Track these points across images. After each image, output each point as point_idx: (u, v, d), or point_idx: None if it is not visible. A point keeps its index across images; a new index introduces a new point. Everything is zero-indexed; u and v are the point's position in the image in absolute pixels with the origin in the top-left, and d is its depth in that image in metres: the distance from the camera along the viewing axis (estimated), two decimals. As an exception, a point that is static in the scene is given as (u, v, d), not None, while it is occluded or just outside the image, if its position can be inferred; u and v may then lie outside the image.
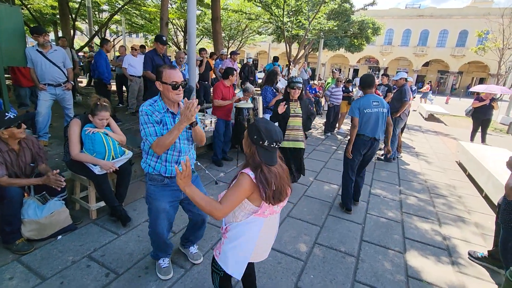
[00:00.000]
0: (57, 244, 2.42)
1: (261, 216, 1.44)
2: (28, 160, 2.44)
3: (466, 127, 10.85)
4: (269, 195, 1.34)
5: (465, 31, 30.99)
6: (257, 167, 1.36)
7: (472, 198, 4.23)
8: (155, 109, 1.85)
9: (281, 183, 1.39)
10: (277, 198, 1.38)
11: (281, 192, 1.39)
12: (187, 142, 1.98)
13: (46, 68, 3.72)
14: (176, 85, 1.80)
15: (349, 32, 16.09)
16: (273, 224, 1.57)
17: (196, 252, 2.38)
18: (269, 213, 1.46)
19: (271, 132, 1.35)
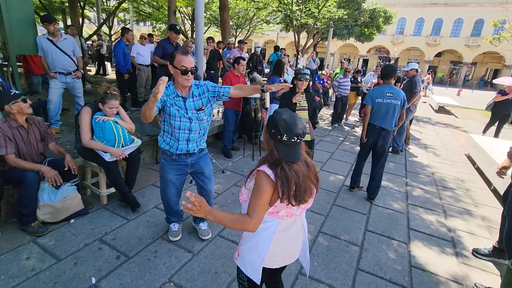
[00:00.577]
0: (70, 227, 2.52)
1: (274, 216, 1.28)
2: (38, 137, 2.53)
3: (477, 120, 10.63)
4: (288, 195, 1.18)
5: (481, 20, 29.85)
6: (276, 164, 1.21)
7: (480, 191, 4.20)
8: (167, 92, 2.00)
9: (305, 182, 1.22)
10: (298, 199, 1.21)
11: (304, 192, 1.22)
12: (197, 122, 2.09)
13: (57, 56, 3.77)
14: (186, 70, 1.89)
15: (360, 21, 15.68)
16: (295, 229, 1.36)
17: (205, 229, 2.55)
18: (286, 214, 1.28)
19: (291, 125, 1.17)
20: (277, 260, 1.35)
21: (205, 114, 2.13)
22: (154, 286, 1.98)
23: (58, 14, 14.41)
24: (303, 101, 3.36)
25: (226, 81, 4.27)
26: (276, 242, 1.30)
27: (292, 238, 1.36)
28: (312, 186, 1.28)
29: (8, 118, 2.35)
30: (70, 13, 8.57)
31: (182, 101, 2.03)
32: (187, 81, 1.95)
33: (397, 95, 3.24)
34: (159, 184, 2.37)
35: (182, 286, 2.01)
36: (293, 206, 1.23)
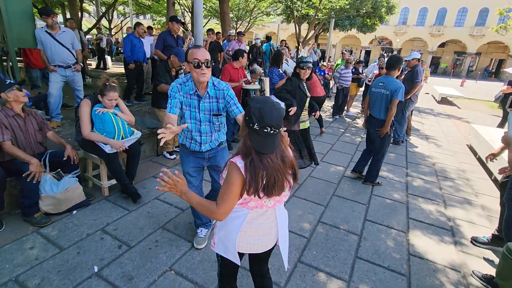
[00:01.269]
0: (72, 218, 2.56)
1: (244, 206, 1.28)
2: (36, 127, 2.55)
3: (480, 111, 10.55)
4: (255, 188, 1.17)
5: (485, 9, 29.29)
6: (248, 154, 1.18)
7: (481, 181, 4.19)
8: (184, 89, 1.94)
9: (275, 176, 1.19)
10: (266, 192, 1.20)
11: (274, 186, 1.20)
12: (208, 124, 2.02)
13: (56, 49, 3.76)
14: (199, 63, 1.79)
15: (362, 11, 15.45)
16: (264, 220, 1.34)
17: (202, 238, 2.36)
18: (256, 206, 1.28)
19: (263, 114, 1.12)
20: (250, 246, 1.36)
21: (218, 120, 2.04)
22: (155, 275, 2.02)
23: (57, 7, 14.31)
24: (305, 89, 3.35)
25: (225, 73, 4.24)
26: (246, 231, 1.31)
27: (264, 229, 1.35)
28: (285, 180, 1.24)
29: (5, 107, 2.38)
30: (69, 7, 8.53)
31: (197, 101, 1.94)
32: (202, 76, 1.82)
33: (388, 85, 3.31)
34: None
35: (182, 275, 2.04)
36: (264, 198, 1.23)
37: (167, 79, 3.61)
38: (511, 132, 1.95)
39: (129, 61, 5.46)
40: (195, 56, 1.79)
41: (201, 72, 1.81)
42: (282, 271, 2.14)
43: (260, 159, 1.17)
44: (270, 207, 1.32)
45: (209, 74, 1.86)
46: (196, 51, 1.81)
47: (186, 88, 1.94)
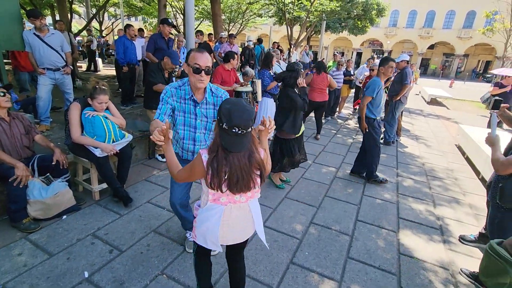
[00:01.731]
0: (62, 223, 2.52)
1: (217, 203, 1.38)
2: (22, 131, 2.50)
3: (468, 111, 10.78)
4: (217, 183, 1.27)
5: (473, 11, 30.02)
6: (214, 150, 1.27)
7: (469, 181, 4.29)
8: (178, 94, 1.86)
9: (239, 173, 1.27)
10: (229, 188, 1.30)
11: (237, 183, 1.29)
12: (204, 131, 1.95)
13: (44, 52, 3.71)
14: (199, 69, 1.71)
15: (353, 14, 15.67)
16: (239, 214, 1.44)
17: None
18: (229, 201, 1.38)
19: (232, 115, 1.19)
20: (231, 239, 1.49)
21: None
22: (147, 279, 2.01)
23: (46, 9, 14.09)
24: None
25: (217, 75, 4.26)
26: (226, 225, 1.42)
27: (242, 222, 1.47)
28: (250, 180, 1.32)
29: None
30: (58, 8, 8.38)
31: (193, 106, 1.87)
32: (200, 82, 1.75)
33: (367, 84, 3.55)
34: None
35: (174, 278, 2.03)
36: (235, 195, 1.35)
37: (160, 79, 3.62)
38: (494, 133, 2.01)
39: (122, 64, 5.41)
40: (197, 61, 1.70)
41: (200, 78, 1.74)
42: (275, 272, 2.15)
43: (225, 156, 1.26)
44: (243, 202, 1.42)
45: (207, 81, 1.81)
46: (199, 56, 1.71)
47: (181, 92, 1.86)
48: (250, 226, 1.51)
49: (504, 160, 1.81)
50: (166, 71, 3.72)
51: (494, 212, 2.08)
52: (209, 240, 1.45)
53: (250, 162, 1.30)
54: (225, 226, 1.41)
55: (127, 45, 5.42)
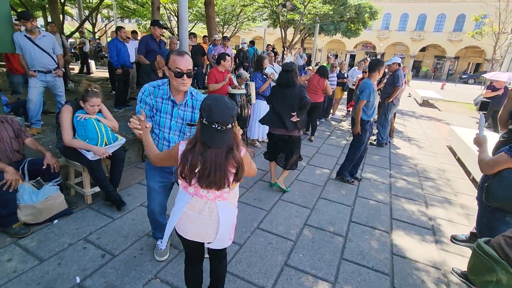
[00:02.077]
0: (53, 228, 2.48)
1: (185, 190, 1.42)
2: (11, 134, 2.46)
3: (459, 113, 10.96)
4: (187, 174, 1.30)
5: (462, 15, 30.61)
6: (192, 143, 1.30)
7: (460, 181, 4.36)
8: (156, 93, 1.82)
9: (212, 169, 1.27)
10: (199, 181, 1.31)
11: (208, 177, 1.28)
12: (178, 134, 1.90)
13: (35, 54, 3.67)
14: (180, 73, 1.68)
15: (346, 17, 15.85)
16: (205, 212, 1.41)
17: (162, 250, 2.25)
18: (195, 193, 1.40)
19: (212, 110, 1.22)
20: (185, 231, 1.48)
21: (190, 131, 1.90)
22: (140, 283, 1.99)
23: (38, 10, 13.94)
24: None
25: (211, 77, 4.26)
26: (186, 215, 1.44)
27: (203, 220, 1.43)
28: (223, 177, 1.30)
29: None
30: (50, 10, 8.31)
31: (171, 106, 1.83)
32: (183, 85, 1.72)
33: (360, 87, 3.57)
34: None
35: (168, 282, 2.02)
36: (201, 188, 1.35)
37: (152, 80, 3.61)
38: (481, 133, 2.06)
39: (116, 66, 5.37)
40: (178, 65, 1.67)
41: (182, 82, 1.71)
42: (269, 275, 2.15)
43: (202, 150, 1.27)
44: (210, 199, 1.41)
45: (189, 84, 1.77)
46: (179, 59, 1.67)
47: (160, 92, 1.82)
48: (211, 228, 1.45)
49: (489, 160, 1.85)
50: (160, 71, 3.73)
51: (482, 211, 2.12)
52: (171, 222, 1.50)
53: (227, 158, 1.30)
54: (185, 216, 1.44)
55: (120, 47, 5.39)
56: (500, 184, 1.81)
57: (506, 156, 1.75)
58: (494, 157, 1.83)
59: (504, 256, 1.09)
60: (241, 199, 3.24)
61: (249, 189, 3.49)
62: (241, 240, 2.53)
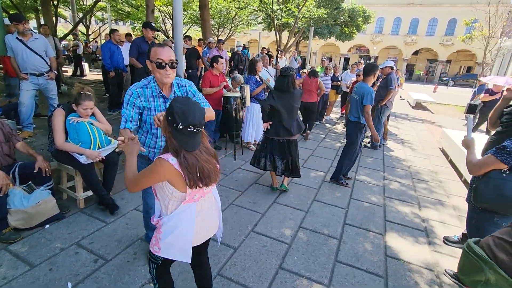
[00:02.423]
0: (44, 233, 2.45)
1: (191, 202, 1.38)
2: (1, 138, 2.42)
3: (451, 115, 11.12)
4: (194, 180, 1.28)
5: (454, 19, 31.19)
6: (178, 152, 1.26)
7: (452, 183, 4.41)
8: (146, 93, 1.78)
9: (206, 166, 1.32)
10: (204, 182, 1.32)
11: (208, 174, 1.33)
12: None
13: (27, 57, 3.64)
14: (162, 63, 1.65)
15: (340, 20, 16.03)
16: (209, 204, 1.50)
17: None
18: (200, 196, 1.41)
19: (186, 114, 1.20)
20: (203, 235, 1.49)
21: None
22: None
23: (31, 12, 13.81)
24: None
25: (205, 81, 4.26)
26: (198, 222, 1.42)
27: (210, 212, 1.51)
28: (214, 168, 1.37)
29: None
30: (43, 12, 8.23)
31: (163, 103, 1.80)
32: (166, 77, 1.70)
33: (358, 91, 3.58)
34: None
35: (162, 286, 2.00)
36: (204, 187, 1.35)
37: None
38: (469, 136, 2.10)
39: (109, 69, 5.35)
40: (159, 56, 1.65)
41: (165, 73, 1.68)
42: (263, 278, 2.15)
43: (189, 154, 1.27)
44: (209, 192, 1.49)
45: (173, 76, 1.75)
46: (160, 50, 1.67)
47: (149, 91, 1.78)
48: (217, 213, 1.58)
49: (476, 162, 1.88)
50: None
51: (471, 213, 2.15)
52: (178, 248, 1.40)
53: (209, 153, 1.37)
54: (199, 221, 1.43)
55: (113, 50, 5.37)
56: (487, 185, 1.85)
57: (493, 157, 1.78)
58: (481, 158, 1.86)
59: (492, 256, 1.11)
60: (235, 202, 3.24)
61: (244, 192, 3.49)
62: (236, 243, 2.53)
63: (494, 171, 1.79)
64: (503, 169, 1.75)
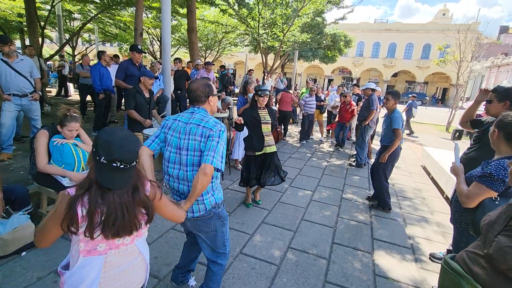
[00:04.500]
0: (21, 260, 2.31)
1: (93, 254, 1.10)
2: None
3: (431, 134, 11.59)
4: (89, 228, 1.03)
5: (428, 44, 33.40)
6: (84, 186, 1.05)
7: (435, 199, 4.54)
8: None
9: (120, 213, 1.07)
10: (103, 231, 1.06)
11: (114, 224, 1.06)
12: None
13: (11, 78, 3.59)
14: None
15: (323, 44, 16.81)
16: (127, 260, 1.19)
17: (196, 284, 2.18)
18: (109, 247, 1.12)
19: (112, 147, 1.03)
20: None
21: None
22: (116, 318, 1.86)
23: (16, 33, 13.71)
24: (267, 116, 3.50)
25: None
26: (107, 281, 1.14)
27: (131, 268, 1.21)
28: (134, 219, 1.12)
29: None
30: (29, 33, 8.20)
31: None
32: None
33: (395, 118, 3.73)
34: None
35: (146, 315, 1.90)
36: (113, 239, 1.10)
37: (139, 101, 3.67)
38: (458, 162, 2.03)
39: (98, 91, 5.35)
40: None
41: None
42: (253, 302, 2.09)
43: (101, 193, 1.05)
44: (128, 244, 1.18)
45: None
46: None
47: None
48: (142, 271, 1.27)
49: (467, 193, 1.78)
50: (146, 91, 3.79)
51: (459, 236, 2.15)
52: None
53: (134, 198, 1.12)
54: (107, 283, 1.14)
55: (103, 72, 5.39)
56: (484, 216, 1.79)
57: (483, 186, 1.70)
58: (471, 189, 1.76)
59: (468, 270, 1.15)
60: (223, 223, 3.19)
61: (232, 213, 3.45)
62: (224, 266, 2.47)
63: (486, 200, 1.72)
64: (494, 197, 1.70)
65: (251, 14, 11.48)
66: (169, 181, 1.75)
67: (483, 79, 28.61)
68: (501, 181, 1.64)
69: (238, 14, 11.49)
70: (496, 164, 1.67)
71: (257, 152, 3.45)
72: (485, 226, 1.16)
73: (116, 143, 1.04)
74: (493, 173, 1.65)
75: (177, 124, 1.71)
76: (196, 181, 1.55)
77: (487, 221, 1.17)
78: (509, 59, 25.60)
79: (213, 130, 1.63)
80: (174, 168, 1.69)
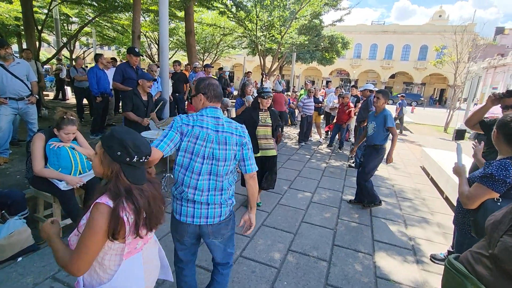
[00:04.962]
0: (16, 266, 2.27)
1: (132, 254, 1.13)
2: None
3: (430, 134, 11.61)
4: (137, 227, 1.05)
5: (425, 46, 33.59)
6: (121, 194, 1.02)
7: (435, 200, 4.52)
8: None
9: (156, 204, 1.13)
10: (150, 226, 1.12)
11: (157, 215, 1.13)
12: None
13: (8, 81, 3.56)
14: None
15: (320, 46, 16.83)
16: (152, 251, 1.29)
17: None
18: (144, 242, 1.18)
19: (140, 145, 1.07)
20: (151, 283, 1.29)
21: None
22: (114, 324, 1.82)
23: (13, 37, 13.67)
24: (268, 118, 3.48)
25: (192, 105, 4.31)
26: (147, 273, 1.22)
27: (155, 257, 1.33)
28: (162, 209, 1.18)
29: None
30: (26, 37, 8.17)
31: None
32: None
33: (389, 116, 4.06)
34: None
35: (145, 321, 1.87)
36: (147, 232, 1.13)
37: (136, 103, 3.67)
38: (460, 163, 2.01)
39: (96, 94, 5.33)
40: None
41: None
42: (253, 306, 2.06)
43: (140, 192, 1.07)
44: (151, 237, 1.30)
45: None
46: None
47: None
48: (157, 255, 1.38)
49: (468, 194, 1.76)
50: (144, 94, 3.77)
51: (462, 238, 2.11)
52: None
53: (156, 188, 1.17)
54: (147, 273, 1.22)
55: (100, 75, 5.37)
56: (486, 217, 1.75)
57: (484, 187, 1.68)
58: (472, 190, 1.74)
59: (472, 271, 1.13)
60: (223, 226, 3.16)
61: (231, 216, 3.42)
62: (224, 270, 2.43)
63: (488, 201, 1.70)
64: (496, 198, 1.68)
65: (248, 16, 11.50)
66: (188, 193, 1.55)
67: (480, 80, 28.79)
68: (502, 181, 1.61)
69: (236, 17, 11.51)
70: (497, 165, 1.65)
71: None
72: (490, 226, 1.14)
73: (139, 140, 1.08)
74: (494, 174, 1.62)
75: (206, 133, 1.53)
76: (252, 189, 1.71)
77: (492, 221, 1.15)
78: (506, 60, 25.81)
79: (245, 137, 1.64)
80: (204, 179, 1.54)
